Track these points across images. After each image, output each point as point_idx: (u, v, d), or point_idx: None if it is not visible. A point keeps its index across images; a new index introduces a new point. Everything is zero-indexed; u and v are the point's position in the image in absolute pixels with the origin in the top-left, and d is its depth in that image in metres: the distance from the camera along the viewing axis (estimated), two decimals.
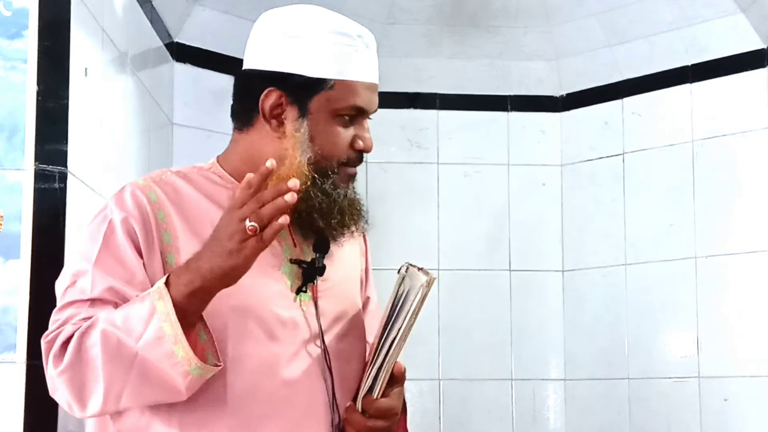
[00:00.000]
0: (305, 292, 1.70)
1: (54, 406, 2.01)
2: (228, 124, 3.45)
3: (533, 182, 3.75)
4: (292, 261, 1.70)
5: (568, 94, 3.75)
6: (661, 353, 3.43)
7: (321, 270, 1.71)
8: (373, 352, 1.66)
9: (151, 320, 1.50)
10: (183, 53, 3.23)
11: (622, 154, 3.60)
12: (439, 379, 3.58)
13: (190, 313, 1.52)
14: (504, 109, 3.77)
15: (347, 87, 1.70)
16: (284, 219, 1.45)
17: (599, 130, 3.66)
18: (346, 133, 1.71)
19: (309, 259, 1.71)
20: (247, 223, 1.45)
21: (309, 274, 1.70)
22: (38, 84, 2.07)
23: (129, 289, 1.59)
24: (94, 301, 1.59)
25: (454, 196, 3.70)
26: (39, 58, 2.08)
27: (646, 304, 3.49)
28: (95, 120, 2.34)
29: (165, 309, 1.50)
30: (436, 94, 3.75)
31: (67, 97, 2.10)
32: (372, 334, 1.81)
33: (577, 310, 3.68)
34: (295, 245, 1.72)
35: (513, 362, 3.69)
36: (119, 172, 2.59)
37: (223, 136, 3.31)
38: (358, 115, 1.72)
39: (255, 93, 1.70)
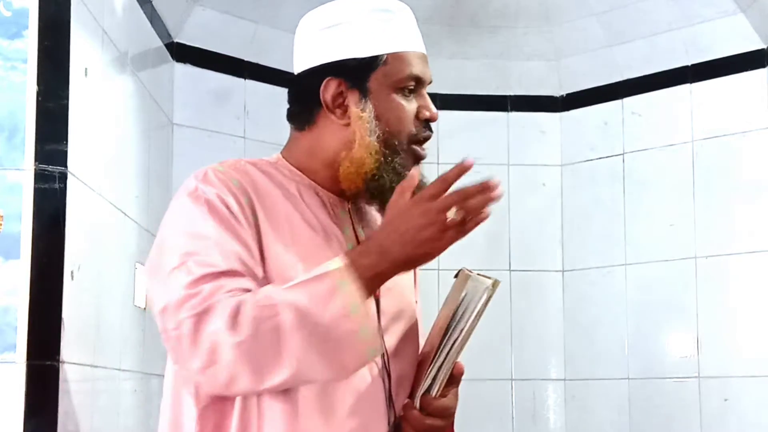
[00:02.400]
0: None
1: (54, 406, 2.02)
2: (227, 123, 3.47)
3: (533, 182, 3.75)
4: None
5: (568, 94, 3.75)
6: (661, 353, 3.43)
7: None
8: (434, 352, 1.66)
9: (334, 299, 1.50)
10: (183, 53, 3.23)
11: (622, 154, 3.60)
12: None
13: (367, 295, 1.54)
14: (504, 109, 3.78)
15: (400, 59, 1.71)
16: (486, 213, 1.53)
17: (599, 130, 3.66)
18: (410, 106, 1.71)
19: None
20: (450, 214, 1.51)
21: None
22: (38, 84, 2.07)
23: (251, 261, 1.58)
24: (228, 273, 1.54)
25: None
26: (39, 58, 2.08)
27: (646, 304, 3.49)
28: (95, 120, 2.34)
29: (350, 288, 1.51)
30: (436, 94, 3.70)
31: (67, 97, 2.10)
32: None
33: (577, 310, 3.68)
34: (358, 242, 1.71)
35: (513, 362, 3.69)
36: (119, 172, 2.59)
37: (223, 136, 3.36)
38: (417, 85, 1.72)
39: (313, 89, 1.70)
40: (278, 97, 3.50)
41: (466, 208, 1.53)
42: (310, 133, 1.73)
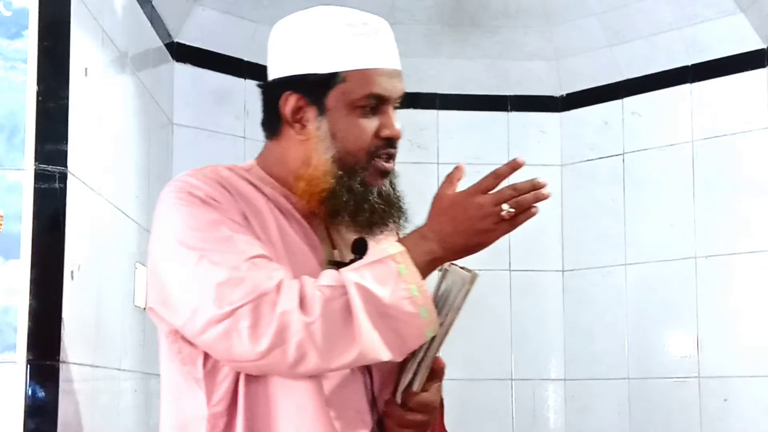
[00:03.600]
0: None
1: (54, 406, 2.02)
2: (227, 123, 3.47)
3: None
4: (331, 262, 1.69)
5: (568, 94, 3.75)
6: (661, 353, 3.43)
7: None
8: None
9: (397, 281, 1.56)
10: (183, 53, 3.23)
11: (622, 154, 3.60)
12: None
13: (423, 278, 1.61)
14: (504, 109, 3.77)
15: (361, 77, 1.68)
16: (536, 209, 1.63)
17: (599, 130, 3.66)
18: (369, 124, 1.70)
19: (348, 261, 1.70)
20: (505, 207, 1.62)
21: None
22: (38, 84, 2.07)
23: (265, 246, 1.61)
24: (260, 257, 1.57)
25: None
26: (39, 58, 2.08)
27: (646, 304, 3.49)
28: (95, 120, 2.34)
29: (411, 272, 1.57)
30: (436, 94, 3.75)
31: (67, 97, 2.10)
32: None
33: (577, 310, 3.68)
34: (334, 247, 1.73)
35: (513, 362, 3.69)
36: (119, 172, 2.59)
37: (223, 135, 3.36)
38: (379, 103, 1.70)
39: (276, 101, 1.70)
40: None
41: (518, 202, 1.63)
42: (278, 143, 1.74)
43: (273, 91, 1.72)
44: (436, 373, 1.68)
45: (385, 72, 1.71)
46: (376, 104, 1.70)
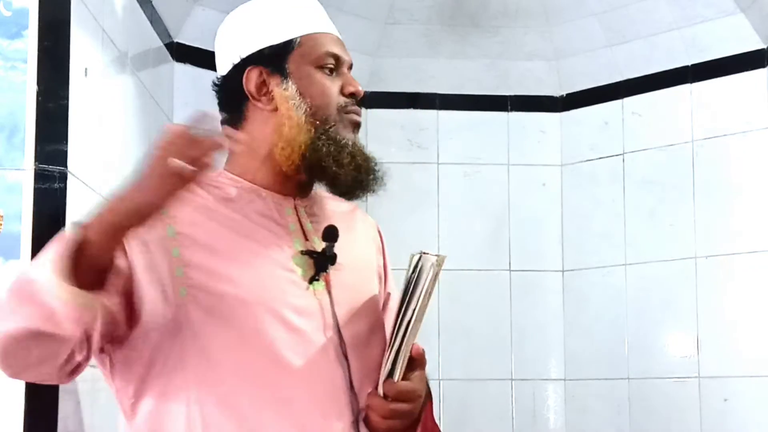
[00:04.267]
0: (318, 281, 1.72)
1: (54, 406, 2.01)
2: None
3: (533, 182, 3.75)
4: (303, 252, 1.72)
5: (568, 94, 3.75)
6: (661, 353, 3.43)
7: (332, 258, 1.73)
8: (390, 337, 1.67)
9: (47, 251, 1.52)
10: (183, 53, 3.23)
11: (622, 154, 3.60)
12: (439, 379, 3.58)
13: (98, 248, 1.51)
14: (504, 109, 3.77)
15: (314, 39, 1.79)
16: (210, 159, 1.47)
17: (599, 130, 3.66)
18: (332, 82, 1.78)
19: (320, 250, 1.73)
20: (172, 160, 1.44)
21: (320, 263, 1.72)
22: (38, 84, 2.07)
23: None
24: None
25: (454, 196, 3.70)
26: (39, 58, 2.08)
27: (646, 304, 3.49)
28: (95, 120, 2.34)
29: (67, 238, 1.51)
30: (436, 94, 3.75)
31: (67, 97, 2.10)
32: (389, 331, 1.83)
33: (577, 310, 3.68)
34: (306, 238, 1.75)
35: (513, 362, 3.68)
36: (119, 172, 2.59)
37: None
38: (337, 64, 1.79)
39: (237, 84, 1.78)
40: None
41: (186, 155, 1.45)
42: (243, 131, 1.78)
43: (231, 79, 1.80)
44: (416, 361, 1.68)
45: (334, 38, 1.82)
46: (334, 65, 1.78)
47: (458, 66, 3.73)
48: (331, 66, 1.78)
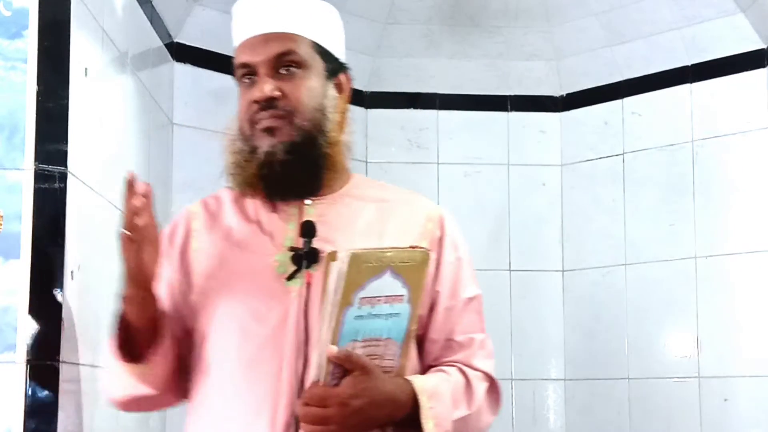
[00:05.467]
0: (293, 278, 1.72)
1: (54, 406, 2.02)
2: (227, 123, 3.44)
3: (533, 182, 3.75)
4: (290, 248, 1.74)
5: (568, 94, 3.75)
6: (661, 353, 3.43)
7: (309, 255, 1.72)
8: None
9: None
10: (183, 53, 3.23)
11: (622, 154, 3.60)
12: None
13: (132, 315, 1.70)
14: (504, 109, 3.77)
15: (236, 53, 1.82)
16: (140, 220, 1.61)
17: (599, 130, 3.66)
18: (246, 95, 1.80)
19: (302, 246, 1.74)
20: (121, 230, 1.63)
21: (297, 260, 1.73)
22: (38, 84, 2.07)
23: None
24: None
25: (454, 196, 3.70)
26: (39, 58, 2.08)
27: (646, 304, 3.49)
28: (95, 120, 2.34)
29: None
30: (436, 94, 3.75)
31: (67, 97, 2.10)
32: (437, 331, 1.81)
33: (577, 310, 3.68)
34: (302, 235, 1.76)
35: (513, 362, 3.68)
36: (119, 172, 2.58)
37: (223, 136, 3.34)
38: (251, 73, 1.79)
39: None
40: None
41: (124, 221, 1.63)
42: None
43: None
44: (354, 365, 1.59)
45: (249, 41, 1.80)
46: (251, 75, 1.79)
47: (458, 66, 3.73)
48: (247, 77, 1.79)
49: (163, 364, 1.74)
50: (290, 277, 1.72)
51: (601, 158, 3.65)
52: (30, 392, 2.00)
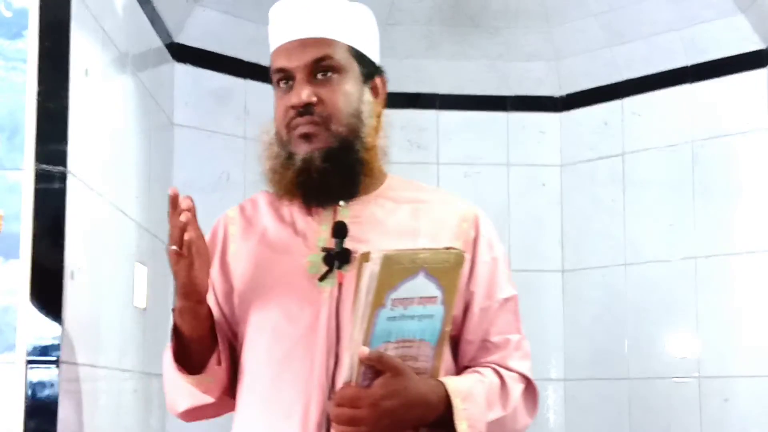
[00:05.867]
0: (326, 278, 1.72)
1: (54, 406, 2.02)
2: (228, 123, 3.47)
3: (533, 182, 3.75)
4: (323, 249, 1.74)
5: (568, 94, 3.75)
6: (661, 353, 3.43)
7: (341, 255, 1.72)
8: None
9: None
10: (183, 53, 3.23)
11: (622, 154, 3.60)
12: None
13: (185, 327, 1.71)
14: (504, 109, 3.77)
15: (272, 58, 1.81)
16: (188, 235, 1.61)
17: (599, 130, 3.66)
18: (283, 100, 1.78)
19: (334, 246, 1.75)
20: (170, 246, 1.63)
21: (329, 260, 1.73)
22: (38, 84, 2.07)
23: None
24: None
25: None
26: (39, 58, 2.08)
27: (646, 304, 3.49)
28: (95, 120, 2.34)
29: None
30: (436, 94, 3.75)
31: (67, 97, 2.10)
32: (473, 332, 1.80)
33: (577, 310, 3.68)
34: (333, 235, 1.76)
35: None
36: (119, 173, 2.59)
37: (224, 136, 3.36)
38: (287, 78, 1.78)
39: None
40: None
41: (172, 238, 1.63)
42: None
43: None
44: (385, 366, 1.58)
45: (286, 46, 1.79)
46: (287, 80, 1.78)
47: (458, 66, 3.73)
48: (283, 82, 1.78)
49: (222, 371, 1.75)
50: (322, 278, 1.72)
51: (601, 158, 3.65)
52: (30, 392, 2.00)
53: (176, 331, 1.72)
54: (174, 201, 1.63)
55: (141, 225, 2.75)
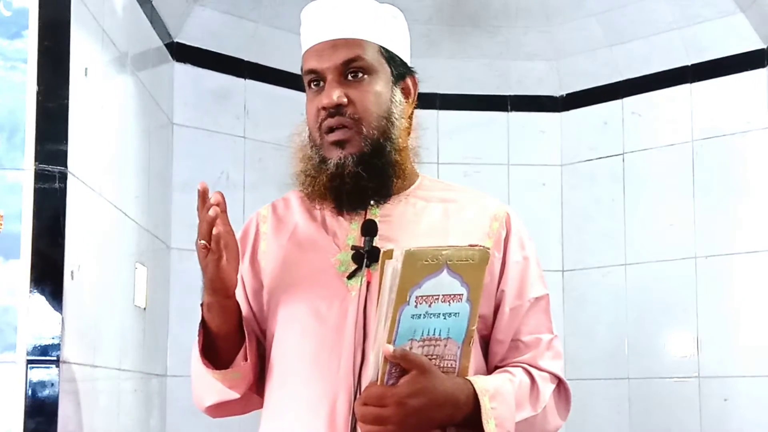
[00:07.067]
0: (354, 276, 1.72)
1: (54, 406, 2.02)
2: (227, 123, 3.47)
3: (533, 182, 3.75)
4: (353, 247, 1.74)
5: (568, 94, 3.75)
6: (661, 353, 3.43)
7: (370, 253, 1.72)
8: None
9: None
10: (183, 53, 3.23)
11: (622, 154, 3.60)
12: None
13: (214, 323, 1.70)
14: (504, 109, 3.77)
15: (304, 60, 1.80)
16: (216, 230, 1.59)
17: (599, 130, 3.66)
18: (314, 100, 1.78)
19: (363, 244, 1.75)
20: (198, 241, 1.61)
21: (357, 259, 1.73)
22: (38, 84, 2.07)
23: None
24: None
25: None
26: (39, 58, 2.08)
27: (646, 304, 3.49)
28: (95, 120, 2.34)
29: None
30: (436, 94, 3.75)
31: (67, 97, 2.10)
32: (503, 331, 1.79)
33: (577, 310, 3.68)
34: (363, 234, 1.76)
35: None
36: (119, 172, 2.59)
37: (224, 136, 3.35)
38: (318, 79, 1.77)
39: None
40: (278, 97, 3.50)
41: (200, 233, 1.62)
42: None
43: None
44: (410, 363, 1.56)
45: (317, 47, 1.78)
46: (318, 80, 1.77)
47: (458, 66, 3.73)
48: (314, 83, 1.78)
49: (248, 367, 1.75)
50: (351, 276, 1.72)
51: (600, 158, 3.65)
52: (30, 392, 2.00)
53: (204, 326, 1.72)
54: (203, 195, 1.62)
55: (141, 225, 2.75)
